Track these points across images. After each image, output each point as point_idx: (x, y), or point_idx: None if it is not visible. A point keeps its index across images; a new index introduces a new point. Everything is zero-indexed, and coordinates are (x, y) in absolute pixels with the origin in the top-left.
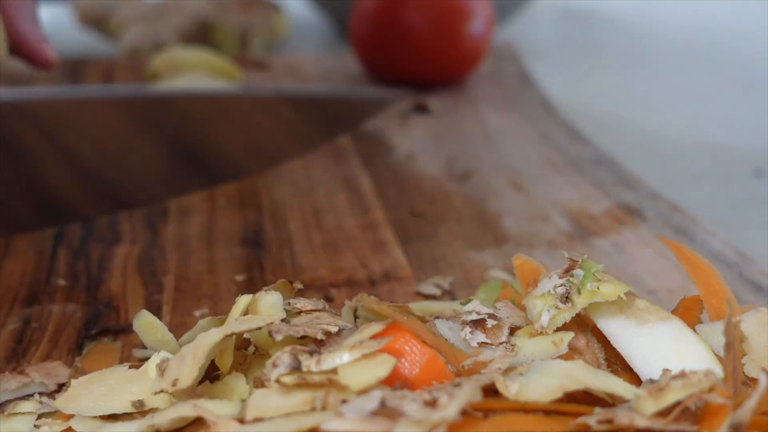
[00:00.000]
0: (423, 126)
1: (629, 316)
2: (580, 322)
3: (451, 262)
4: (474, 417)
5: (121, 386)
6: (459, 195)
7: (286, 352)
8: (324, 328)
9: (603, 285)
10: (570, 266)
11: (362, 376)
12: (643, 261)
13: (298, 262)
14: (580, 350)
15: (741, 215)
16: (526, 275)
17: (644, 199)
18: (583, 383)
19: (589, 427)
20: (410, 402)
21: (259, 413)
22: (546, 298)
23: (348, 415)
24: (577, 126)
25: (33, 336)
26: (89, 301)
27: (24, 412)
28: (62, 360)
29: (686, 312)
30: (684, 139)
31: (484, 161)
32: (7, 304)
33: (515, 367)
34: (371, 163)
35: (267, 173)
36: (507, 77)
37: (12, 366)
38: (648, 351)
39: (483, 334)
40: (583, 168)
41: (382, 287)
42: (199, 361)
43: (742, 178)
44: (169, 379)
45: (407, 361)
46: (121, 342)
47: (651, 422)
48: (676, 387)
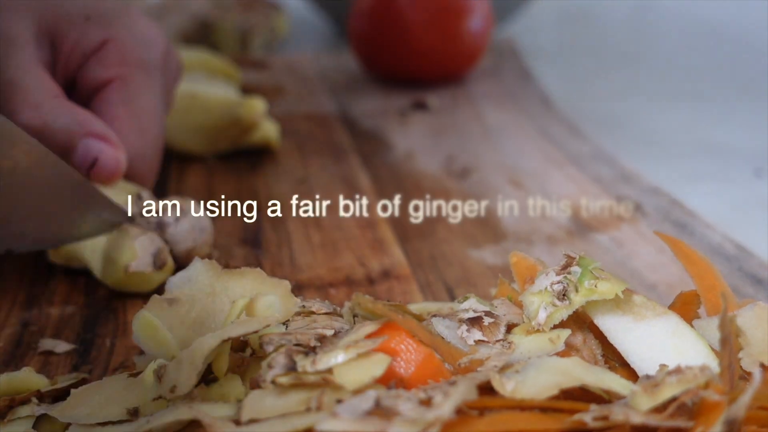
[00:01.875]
0: (422, 123)
1: (626, 312)
2: (577, 318)
3: (449, 260)
4: (470, 415)
5: (118, 395)
6: (458, 192)
7: (282, 353)
8: (318, 332)
9: (601, 283)
10: (567, 263)
11: (357, 375)
12: (642, 256)
13: (297, 261)
14: (577, 347)
15: (741, 215)
16: (522, 272)
17: (643, 194)
18: (579, 380)
19: (585, 423)
20: (405, 401)
21: (254, 414)
22: (543, 295)
23: (343, 415)
24: (576, 122)
25: (32, 339)
26: (88, 303)
27: (22, 417)
28: (61, 363)
29: (683, 307)
30: (684, 139)
31: (483, 158)
32: (5, 307)
33: (512, 364)
34: (371, 162)
35: (266, 172)
36: (506, 74)
37: (11, 369)
38: (645, 347)
39: (479, 332)
40: (582, 163)
41: (381, 286)
42: (197, 367)
43: (742, 178)
44: (166, 386)
45: (402, 360)
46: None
47: (647, 418)
48: (672, 383)
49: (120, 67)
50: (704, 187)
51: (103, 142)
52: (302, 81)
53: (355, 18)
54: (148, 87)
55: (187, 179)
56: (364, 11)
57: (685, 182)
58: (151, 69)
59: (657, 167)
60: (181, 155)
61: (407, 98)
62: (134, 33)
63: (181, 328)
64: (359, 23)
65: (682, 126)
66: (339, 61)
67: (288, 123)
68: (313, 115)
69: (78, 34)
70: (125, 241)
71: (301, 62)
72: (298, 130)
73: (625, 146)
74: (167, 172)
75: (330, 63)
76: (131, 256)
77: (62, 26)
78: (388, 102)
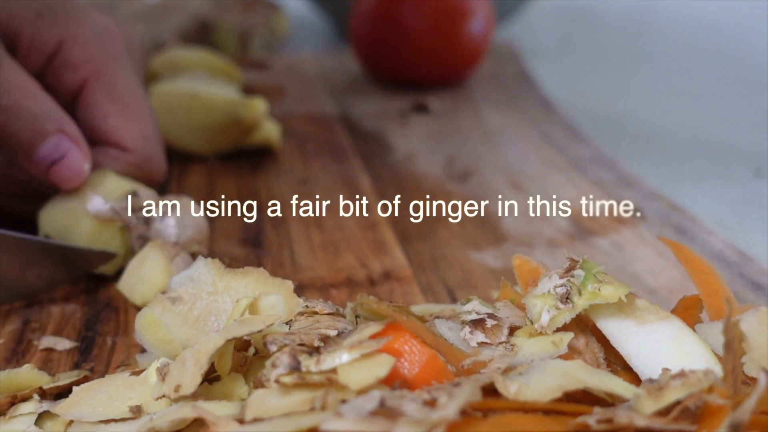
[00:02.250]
0: (423, 126)
1: (629, 315)
2: (580, 321)
3: (450, 262)
4: (473, 417)
5: (121, 393)
6: (459, 195)
7: (286, 353)
8: (322, 333)
9: (604, 287)
10: (571, 266)
11: (361, 375)
12: (643, 260)
13: (298, 261)
14: (580, 350)
15: (741, 215)
16: (525, 275)
17: (644, 199)
18: (582, 383)
19: (588, 426)
20: (409, 402)
21: (258, 413)
22: (546, 298)
23: (347, 415)
24: (577, 126)
25: (33, 336)
26: (89, 301)
27: (24, 413)
28: (62, 360)
29: (686, 311)
30: (684, 139)
31: (483, 161)
32: (7, 304)
33: (515, 366)
34: (371, 163)
35: (267, 172)
36: (507, 77)
37: (12, 366)
38: (647, 350)
39: (482, 334)
40: (582, 167)
41: (382, 287)
42: (202, 367)
43: (742, 178)
44: (170, 385)
45: (407, 361)
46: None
47: (650, 421)
48: (676, 386)
49: (88, 65)
50: (704, 187)
51: (74, 144)
52: (303, 82)
53: (356, 20)
54: (123, 76)
55: (188, 179)
56: (365, 13)
57: (685, 182)
58: (118, 57)
59: (657, 167)
60: (182, 155)
61: (408, 100)
62: (90, 27)
63: (184, 326)
64: (360, 25)
65: (682, 126)
66: (339, 62)
67: (289, 124)
68: (314, 116)
69: (32, 32)
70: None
71: (301, 63)
72: (298, 130)
73: (625, 146)
74: (168, 172)
75: (331, 64)
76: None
77: (15, 24)
78: (389, 104)
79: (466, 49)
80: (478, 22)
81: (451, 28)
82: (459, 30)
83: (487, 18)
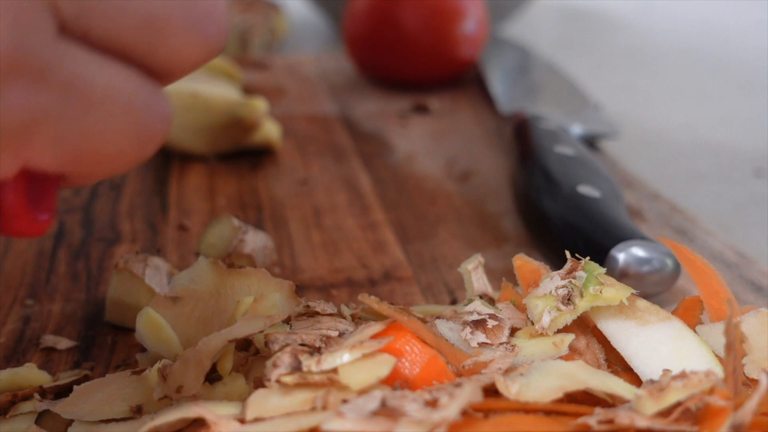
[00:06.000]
0: (423, 126)
1: (629, 316)
2: (581, 322)
3: (451, 262)
4: (474, 417)
5: (121, 392)
6: (459, 195)
7: (287, 352)
8: (324, 333)
9: (606, 289)
10: (572, 267)
11: (363, 375)
12: None
13: (298, 262)
14: (581, 351)
15: (741, 215)
16: (526, 276)
17: (644, 200)
18: (583, 383)
19: (589, 427)
20: (411, 402)
21: (259, 413)
22: (547, 299)
23: (348, 414)
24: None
25: (33, 335)
26: (89, 300)
27: (25, 412)
28: (63, 359)
29: (686, 313)
30: (684, 139)
31: (483, 161)
32: (7, 304)
33: (516, 367)
34: (371, 163)
35: (267, 172)
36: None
37: (12, 365)
38: (648, 352)
39: (483, 335)
40: None
41: (383, 287)
42: (204, 368)
43: (742, 178)
44: (172, 386)
45: (408, 361)
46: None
47: (652, 422)
48: (677, 387)
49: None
50: (704, 187)
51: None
52: (303, 82)
53: (349, 20)
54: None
55: (188, 179)
56: (358, 13)
57: (686, 182)
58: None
59: (657, 167)
60: (182, 155)
61: (408, 101)
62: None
63: (185, 326)
64: (353, 25)
65: (682, 126)
66: (340, 63)
67: (289, 124)
68: (314, 117)
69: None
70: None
71: (302, 63)
72: (298, 130)
73: (625, 146)
74: (168, 172)
75: (331, 64)
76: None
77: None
78: (389, 104)
79: (459, 49)
80: (471, 22)
81: (444, 29)
82: (452, 30)
83: (480, 18)
